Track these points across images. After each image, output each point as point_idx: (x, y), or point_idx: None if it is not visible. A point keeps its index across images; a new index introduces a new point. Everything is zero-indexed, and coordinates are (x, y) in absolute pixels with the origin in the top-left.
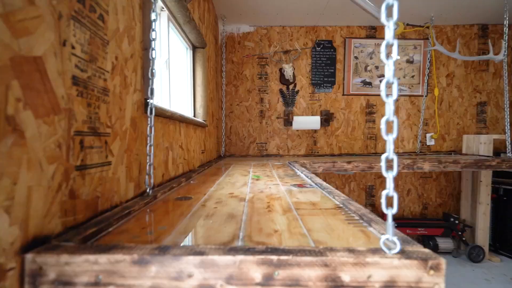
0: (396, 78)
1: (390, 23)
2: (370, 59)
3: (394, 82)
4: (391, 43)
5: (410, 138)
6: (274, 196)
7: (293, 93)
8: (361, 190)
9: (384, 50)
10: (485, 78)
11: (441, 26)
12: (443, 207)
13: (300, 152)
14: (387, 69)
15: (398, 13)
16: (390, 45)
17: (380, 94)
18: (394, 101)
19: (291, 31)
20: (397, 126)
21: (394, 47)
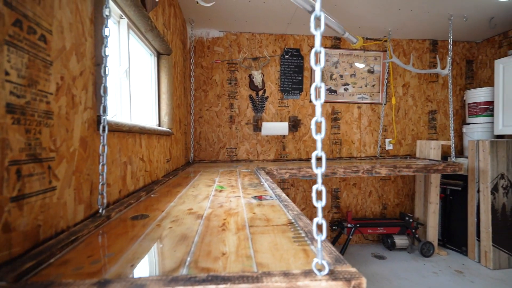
0: (323, 83)
1: (317, 32)
2: (335, 68)
3: (322, 87)
4: (319, 51)
5: (371, 143)
6: (232, 212)
7: (263, 99)
8: (327, 192)
9: (313, 57)
10: (435, 88)
11: (398, 39)
12: (400, 207)
13: (269, 157)
14: (316, 74)
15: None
16: (318, 52)
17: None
18: (321, 104)
19: (260, 38)
20: (324, 127)
21: (321, 55)
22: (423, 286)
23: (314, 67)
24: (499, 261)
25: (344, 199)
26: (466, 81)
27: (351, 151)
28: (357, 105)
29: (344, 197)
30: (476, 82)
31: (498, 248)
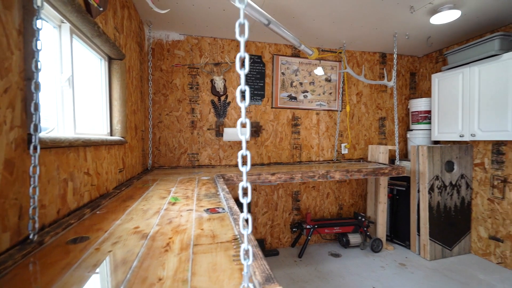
0: (247, 86)
1: (242, 39)
2: (295, 76)
3: (246, 90)
4: (243, 57)
5: (328, 148)
6: (180, 229)
7: (225, 104)
8: (288, 196)
9: (238, 62)
10: (384, 97)
11: (352, 51)
12: (355, 207)
13: (232, 162)
14: (241, 78)
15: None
16: (242, 58)
17: (305, 108)
18: (246, 106)
19: (222, 44)
20: (249, 127)
21: (246, 60)
22: (371, 280)
23: (238, 71)
24: (435, 253)
25: (304, 201)
26: (410, 91)
27: (310, 155)
28: (315, 111)
29: (304, 199)
30: (418, 92)
31: (433, 241)
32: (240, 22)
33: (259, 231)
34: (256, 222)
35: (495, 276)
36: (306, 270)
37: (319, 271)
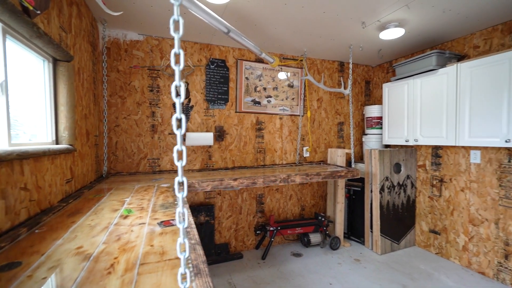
0: (183, 82)
1: (176, 35)
2: (259, 81)
3: (181, 85)
4: (178, 53)
5: (291, 151)
6: (128, 246)
7: (188, 108)
8: (252, 199)
9: (172, 58)
10: (342, 103)
11: (313, 59)
12: (316, 207)
13: (195, 166)
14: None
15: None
16: (177, 54)
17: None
18: (181, 101)
19: (185, 46)
20: (185, 123)
21: (181, 56)
22: (329, 277)
23: (173, 67)
24: (385, 247)
25: (268, 203)
26: (365, 98)
27: (274, 159)
28: (279, 116)
29: (268, 202)
30: (372, 99)
31: (384, 236)
32: (175, 18)
33: (224, 235)
34: (220, 226)
35: (433, 265)
36: (269, 271)
37: (281, 272)
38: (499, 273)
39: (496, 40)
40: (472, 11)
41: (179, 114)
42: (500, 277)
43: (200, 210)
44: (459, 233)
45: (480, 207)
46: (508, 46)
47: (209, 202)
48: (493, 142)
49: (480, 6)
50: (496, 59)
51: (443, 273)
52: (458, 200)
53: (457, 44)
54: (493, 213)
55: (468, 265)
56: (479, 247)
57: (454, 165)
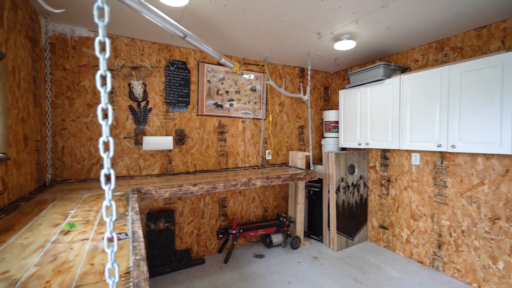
0: (108, 72)
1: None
2: (222, 84)
3: (107, 76)
4: (103, 41)
5: (253, 154)
6: (64, 267)
7: (145, 110)
8: (215, 202)
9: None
10: (303, 107)
11: (275, 64)
12: (278, 208)
13: (154, 171)
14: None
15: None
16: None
17: (231, 116)
18: (107, 91)
19: (142, 46)
20: (111, 114)
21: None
22: (288, 276)
23: (98, 55)
24: (341, 244)
25: (231, 207)
26: (324, 103)
27: (237, 162)
28: (241, 119)
29: (231, 205)
30: (331, 104)
31: (340, 234)
32: (99, 5)
33: (185, 241)
34: (181, 232)
35: (382, 257)
36: (231, 275)
37: (242, 274)
38: (434, 261)
39: (432, 56)
40: (411, 29)
41: (105, 104)
42: (435, 264)
43: (159, 217)
44: (403, 227)
45: (420, 204)
46: (441, 62)
47: (169, 207)
48: (428, 146)
49: (417, 25)
50: (430, 73)
51: (389, 264)
52: (402, 198)
53: (401, 57)
54: (429, 209)
55: (410, 256)
56: (418, 239)
57: (399, 166)
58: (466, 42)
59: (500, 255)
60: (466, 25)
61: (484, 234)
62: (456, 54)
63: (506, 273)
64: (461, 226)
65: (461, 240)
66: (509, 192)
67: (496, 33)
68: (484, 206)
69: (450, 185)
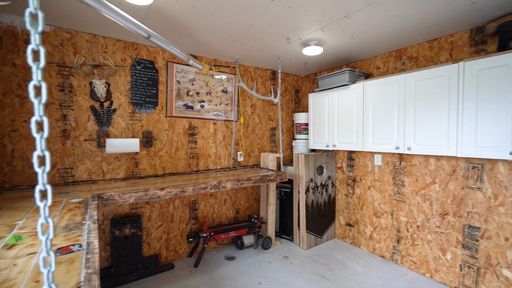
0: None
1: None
2: (192, 85)
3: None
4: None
5: (225, 156)
6: (3, 286)
7: (109, 111)
8: (185, 206)
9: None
10: (274, 109)
11: (247, 66)
12: (250, 210)
13: (118, 175)
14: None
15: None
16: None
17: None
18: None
19: (105, 43)
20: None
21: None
22: (259, 277)
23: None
24: (310, 242)
25: (202, 209)
26: (295, 105)
27: (208, 164)
28: (213, 121)
29: (202, 208)
30: (301, 107)
31: (309, 233)
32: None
33: (153, 247)
34: (149, 237)
35: (348, 254)
36: (201, 279)
37: (213, 278)
38: (394, 255)
39: (391, 64)
40: (372, 38)
41: (39, 117)
42: (394, 258)
43: (124, 223)
44: (367, 224)
45: (381, 202)
46: (399, 70)
47: (135, 212)
48: (388, 148)
49: (378, 35)
50: (389, 80)
51: (354, 260)
52: (366, 197)
53: (365, 64)
54: (390, 206)
55: (373, 251)
56: (380, 235)
57: (363, 167)
58: (421, 53)
59: (448, 247)
60: (420, 37)
61: (435, 228)
62: (412, 63)
63: (453, 263)
64: (417, 221)
65: (417, 235)
66: (455, 190)
67: (445, 45)
68: (436, 203)
69: (407, 184)
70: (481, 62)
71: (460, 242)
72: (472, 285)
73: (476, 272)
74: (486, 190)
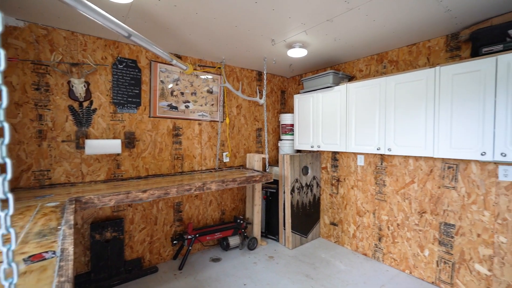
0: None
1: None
2: (176, 85)
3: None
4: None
5: (211, 157)
6: None
7: (89, 111)
8: (169, 208)
9: None
10: (260, 110)
11: (233, 66)
12: (236, 211)
13: (99, 177)
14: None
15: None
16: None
17: (187, 118)
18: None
19: (84, 40)
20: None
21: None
22: (244, 278)
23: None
24: (295, 242)
25: (187, 211)
26: (281, 106)
27: (193, 165)
28: (198, 121)
29: (187, 210)
30: (287, 108)
31: (294, 232)
32: None
33: (136, 250)
34: (131, 241)
35: (332, 252)
36: (185, 281)
37: (197, 280)
38: (375, 253)
39: (373, 67)
40: (355, 42)
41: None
42: (376, 256)
43: (105, 226)
44: (350, 223)
45: (364, 201)
46: (381, 73)
47: (117, 215)
48: (370, 149)
49: (360, 39)
50: (371, 83)
51: (338, 259)
52: (349, 196)
53: (348, 66)
54: (372, 205)
55: (356, 249)
56: (363, 233)
57: (347, 167)
58: (401, 57)
59: (426, 244)
60: (400, 42)
61: (414, 226)
62: (393, 66)
63: (431, 259)
64: (397, 220)
65: (397, 233)
66: (432, 189)
67: (423, 50)
68: (414, 202)
69: (388, 184)
70: (456, 67)
71: (437, 239)
72: (447, 280)
73: (451, 267)
74: (460, 189)
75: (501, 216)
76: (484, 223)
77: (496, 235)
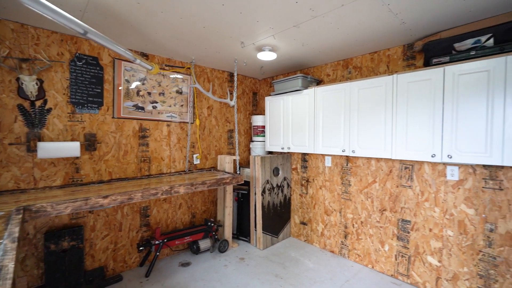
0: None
1: None
2: (143, 85)
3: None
4: None
5: (180, 159)
6: None
7: (42, 111)
8: (135, 212)
9: None
10: (232, 112)
11: (204, 67)
12: (207, 213)
13: (55, 182)
14: None
15: None
16: None
17: (154, 119)
18: None
19: (36, 34)
20: None
21: None
22: (214, 282)
23: None
24: (266, 242)
25: (155, 215)
26: (252, 108)
27: (161, 168)
28: (166, 123)
29: (155, 214)
30: (259, 109)
31: (265, 233)
32: None
33: (98, 259)
34: (93, 249)
35: (301, 251)
36: None
37: (165, 287)
38: (342, 249)
39: (340, 72)
40: (322, 47)
41: None
42: (342, 252)
43: (62, 235)
44: (319, 222)
45: (331, 201)
46: (346, 78)
47: (76, 223)
48: (336, 151)
49: (326, 45)
50: (336, 88)
51: (307, 257)
52: (318, 196)
53: (317, 70)
54: (338, 205)
55: (324, 247)
56: (330, 232)
57: (315, 168)
58: (364, 63)
59: (386, 239)
60: (363, 49)
61: (376, 223)
62: (357, 72)
63: (390, 253)
64: (361, 218)
65: (361, 230)
66: (391, 188)
67: (384, 58)
68: (376, 200)
69: (353, 184)
70: (410, 75)
71: (395, 234)
72: (404, 272)
73: (407, 260)
74: (415, 188)
75: (449, 212)
76: (435, 219)
77: (445, 229)
